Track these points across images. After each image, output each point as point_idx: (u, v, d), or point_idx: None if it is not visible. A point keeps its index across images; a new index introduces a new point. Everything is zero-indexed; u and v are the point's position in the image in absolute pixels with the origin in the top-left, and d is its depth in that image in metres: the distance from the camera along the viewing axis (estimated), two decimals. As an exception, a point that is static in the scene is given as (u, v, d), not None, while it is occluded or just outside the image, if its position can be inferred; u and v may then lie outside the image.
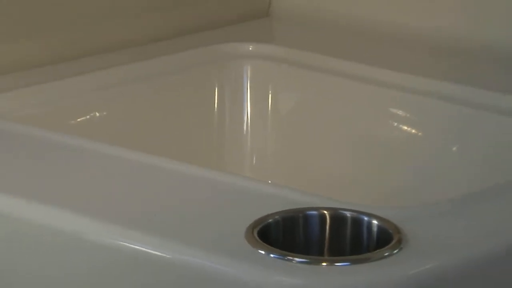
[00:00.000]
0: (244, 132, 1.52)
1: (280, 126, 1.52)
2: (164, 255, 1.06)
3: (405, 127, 1.45)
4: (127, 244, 1.08)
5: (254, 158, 1.51)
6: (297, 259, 1.01)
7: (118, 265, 1.09)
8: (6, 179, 1.18)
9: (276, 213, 1.08)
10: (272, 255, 1.02)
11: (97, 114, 1.40)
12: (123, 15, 1.53)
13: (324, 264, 1.02)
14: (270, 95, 1.52)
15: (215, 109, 1.52)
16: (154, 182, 1.18)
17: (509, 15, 1.51)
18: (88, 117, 1.40)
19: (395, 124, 1.46)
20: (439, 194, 1.23)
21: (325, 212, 1.09)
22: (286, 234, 1.07)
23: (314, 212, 1.09)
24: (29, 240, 1.14)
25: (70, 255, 1.12)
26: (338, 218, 1.09)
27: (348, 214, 1.08)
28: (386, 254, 1.02)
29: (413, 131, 1.45)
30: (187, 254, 1.05)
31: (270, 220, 1.07)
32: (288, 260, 1.01)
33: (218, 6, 1.62)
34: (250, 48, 1.53)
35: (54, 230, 1.12)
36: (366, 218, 1.08)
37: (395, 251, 1.03)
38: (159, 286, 1.07)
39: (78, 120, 1.38)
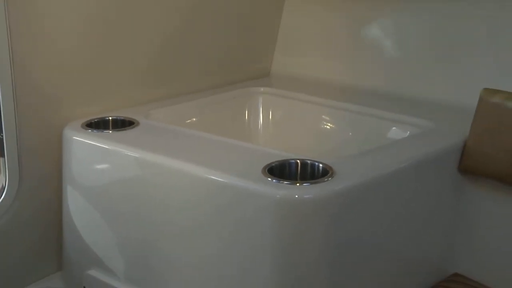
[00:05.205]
0: (259, 128, 1.49)
1: (275, 125, 1.49)
2: (222, 180, 1.05)
3: (329, 124, 1.42)
4: (207, 175, 1.06)
5: (264, 139, 1.48)
6: (285, 182, 1.01)
7: (201, 186, 1.07)
8: (154, 146, 1.17)
9: (275, 161, 1.07)
10: (274, 181, 1.02)
11: (194, 119, 1.38)
12: (203, 75, 1.49)
13: (297, 184, 1.01)
14: (271, 111, 1.49)
15: (246, 118, 1.49)
16: (218, 148, 1.16)
17: (374, 72, 1.46)
18: (190, 120, 1.37)
19: (324, 123, 1.42)
20: (346, 153, 1.19)
21: (298, 161, 1.08)
22: (280, 170, 1.06)
23: (293, 161, 1.08)
24: (164, 176, 1.12)
25: (181, 184, 1.10)
26: (304, 163, 1.08)
27: (308, 161, 1.08)
28: (326, 180, 1.02)
29: (333, 126, 1.42)
30: (234, 180, 1.04)
31: (273, 165, 1.06)
32: (281, 182, 1.01)
33: (244, 70, 1.56)
34: (262, 89, 1.50)
35: (175, 169, 1.11)
36: (316, 163, 1.07)
37: (330, 178, 1.02)
38: (219, 197, 1.05)
39: (187, 121, 1.36)
